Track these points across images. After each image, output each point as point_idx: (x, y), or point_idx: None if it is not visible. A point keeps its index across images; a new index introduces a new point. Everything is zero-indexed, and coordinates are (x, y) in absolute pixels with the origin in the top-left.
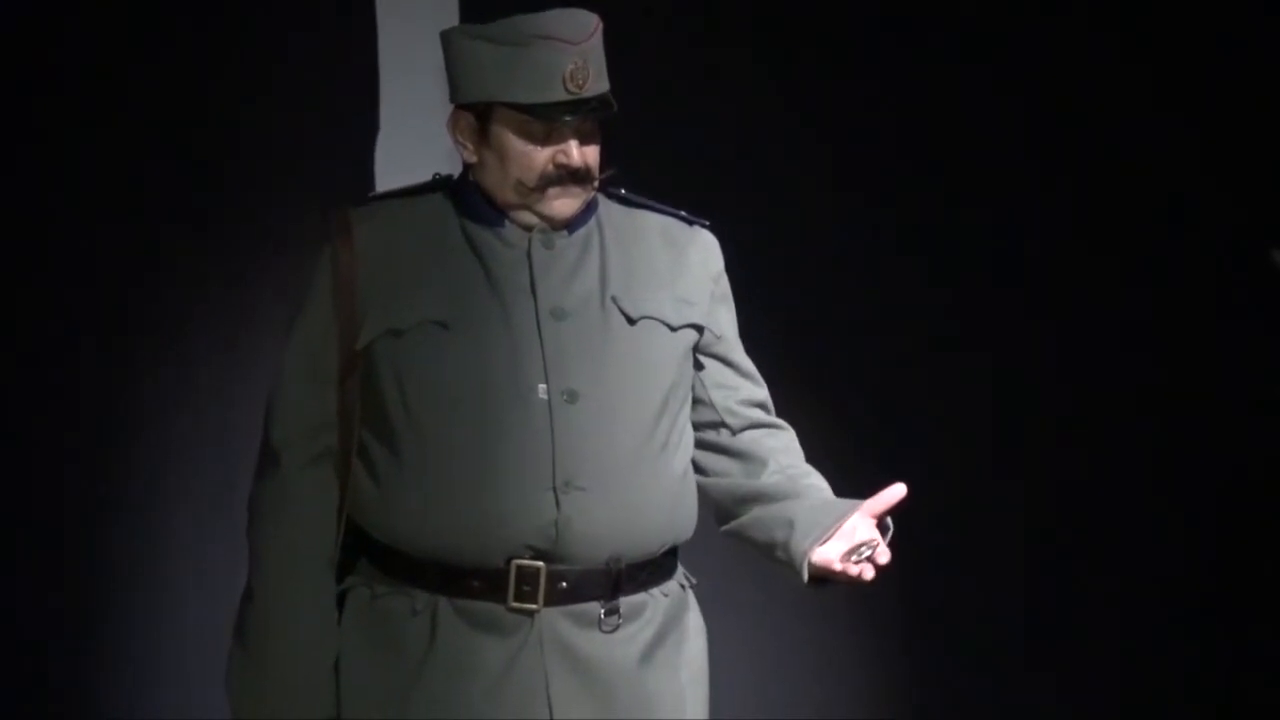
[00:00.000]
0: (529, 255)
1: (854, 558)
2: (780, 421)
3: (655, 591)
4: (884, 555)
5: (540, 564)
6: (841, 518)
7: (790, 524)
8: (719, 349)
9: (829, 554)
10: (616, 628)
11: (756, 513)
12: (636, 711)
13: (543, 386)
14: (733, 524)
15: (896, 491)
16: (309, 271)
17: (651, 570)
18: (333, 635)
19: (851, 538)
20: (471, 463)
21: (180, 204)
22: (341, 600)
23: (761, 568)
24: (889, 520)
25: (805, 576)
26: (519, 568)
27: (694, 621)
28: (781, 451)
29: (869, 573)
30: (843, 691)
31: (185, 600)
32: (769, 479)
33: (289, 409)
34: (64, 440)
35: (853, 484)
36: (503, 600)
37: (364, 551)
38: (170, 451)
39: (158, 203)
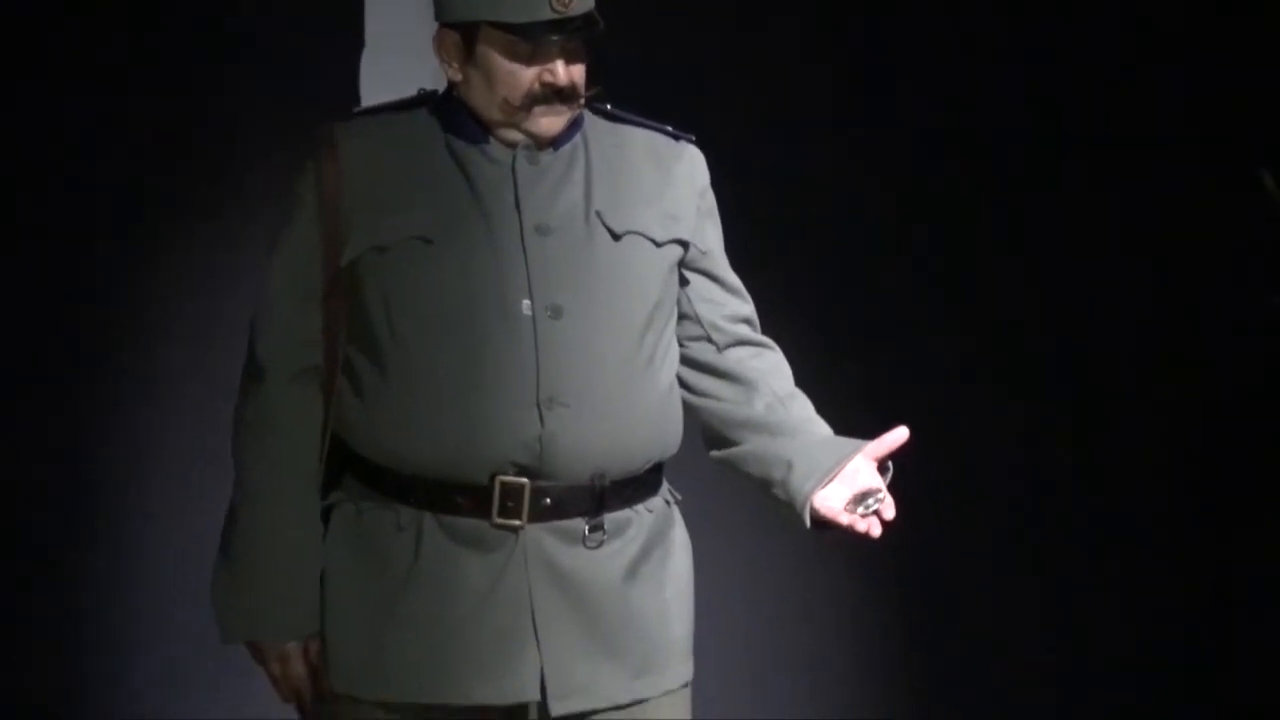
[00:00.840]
0: (514, 171)
1: (860, 510)
2: (766, 340)
3: (640, 508)
4: (889, 509)
5: (524, 480)
6: (843, 460)
7: (788, 464)
8: (704, 264)
9: (831, 499)
10: (601, 544)
11: (749, 446)
12: (620, 625)
13: (526, 302)
14: (724, 453)
15: (898, 435)
16: (294, 187)
17: (636, 486)
18: (317, 550)
19: (854, 482)
20: (455, 379)
21: (163, 123)
22: (326, 516)
23: (749, 484)
24: (889, 463)
25: (808, 522)
26: (503, 484)
27: (679, 538)
28: (770, 374)
29: (876, 529)
30: (831, 608)
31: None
32: (760, 406)
33: (274, 325)
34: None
35: (839, 409)
36: (487, 516)
37: (349, 468)
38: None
39: (138, 124)
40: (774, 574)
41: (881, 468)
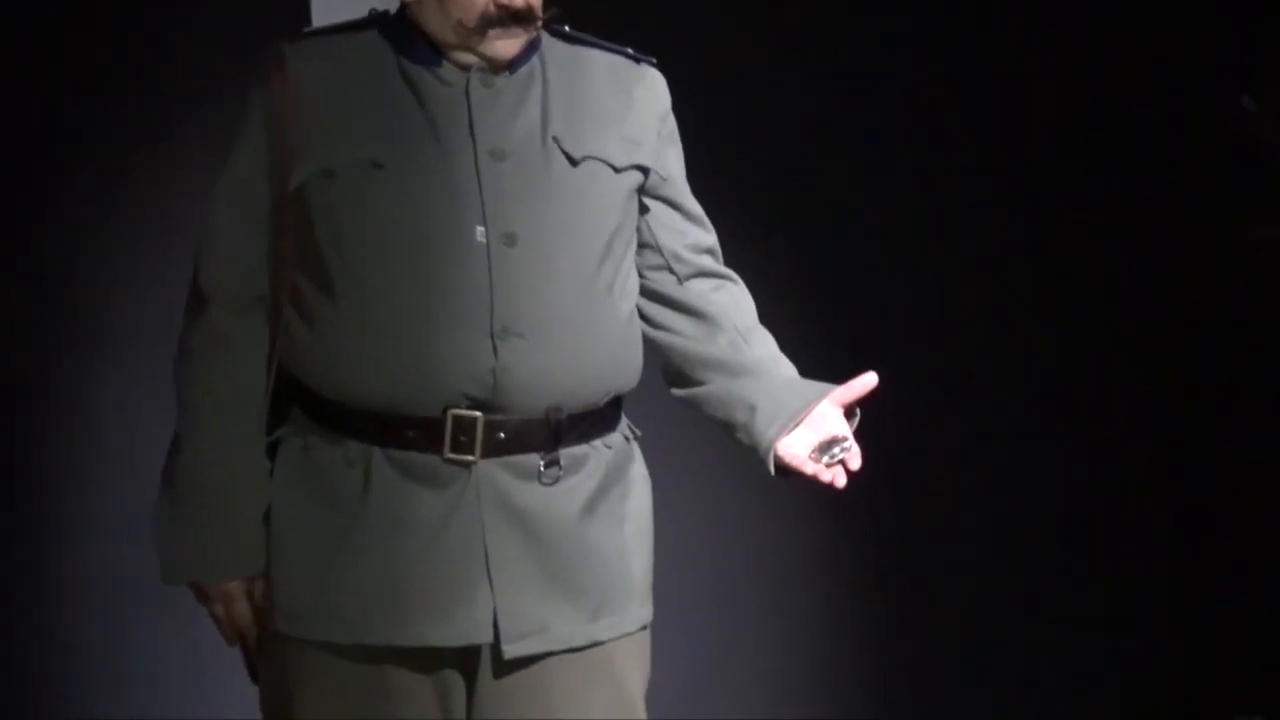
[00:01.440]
0: (467, 95)
1: (825, 458)
2: (729, 272)
3: (598, 443)
4: (855, 459)
5: (477, 414)
6: (808, 404)
7: (751, 407)
8: (665, 191)
9: (796, 446)
10: (557, 480)
11: (712, 387)
12: (578, 565)
13: (480, 229)
14: (685, 392)
15: (867, 381)
16: (242, 109)
17: (593, 421)
18: (263, 485)
19: (820, 428)
20: (406, 308)
21: (110, 48)
22: (273, 451)
23: (712, 424)
24: (856, 409)
25: (771, 468)
26: (455, 417)
27: (638, 474)
28: (732, 309)
29: (841, 479)
30: (798, 549)
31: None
32: (723, 344)
33: (219, 252)
34: None
35: (804, 346)
36: (439, 451)
37: (296, 401)
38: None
39: (85, 50)
40: (738, 514)
41: (849, 413)
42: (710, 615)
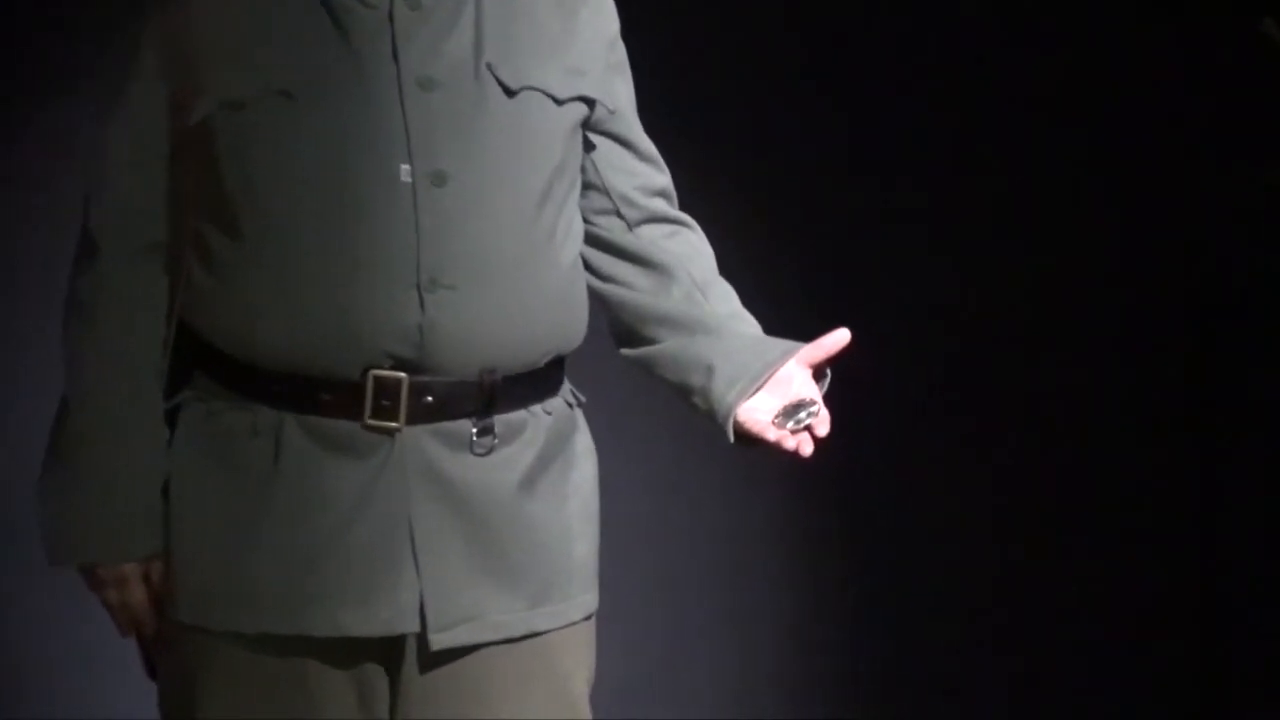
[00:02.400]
0: (391, 18)
1: (790, 424)
2: (685, 217)
3: (537, 409)
4: (824, 425)
5: (402, 375)
6: (772, 365)
7: (709, 368)
8: (613, 126)
9: (759, 411)
10: (491, 450)
11: (665, 345)
12: (514, 545)
13: (406, 168)
14: (635, 351)
15: (838, 338)
16: (135, 38)
17: (532, 384)
18: (161, 455)
19: (786, 390)
20: (322, 257)
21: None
22: (172, 418)
23: (665, 389)
24: (826, 370)
25: (731, 436)
26: (377, 379)
27: (583, 444)
28: (688, 259)
29: (808, 447)
30: (754, 527)
31: None
32: (677, 297)
33: (110, 195)
34: None
35: (764, 295)
36: (358, 417)
37: (198, 361)
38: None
39: None
40: (693, 491)
41: (818, 374)
42: (660, 605)
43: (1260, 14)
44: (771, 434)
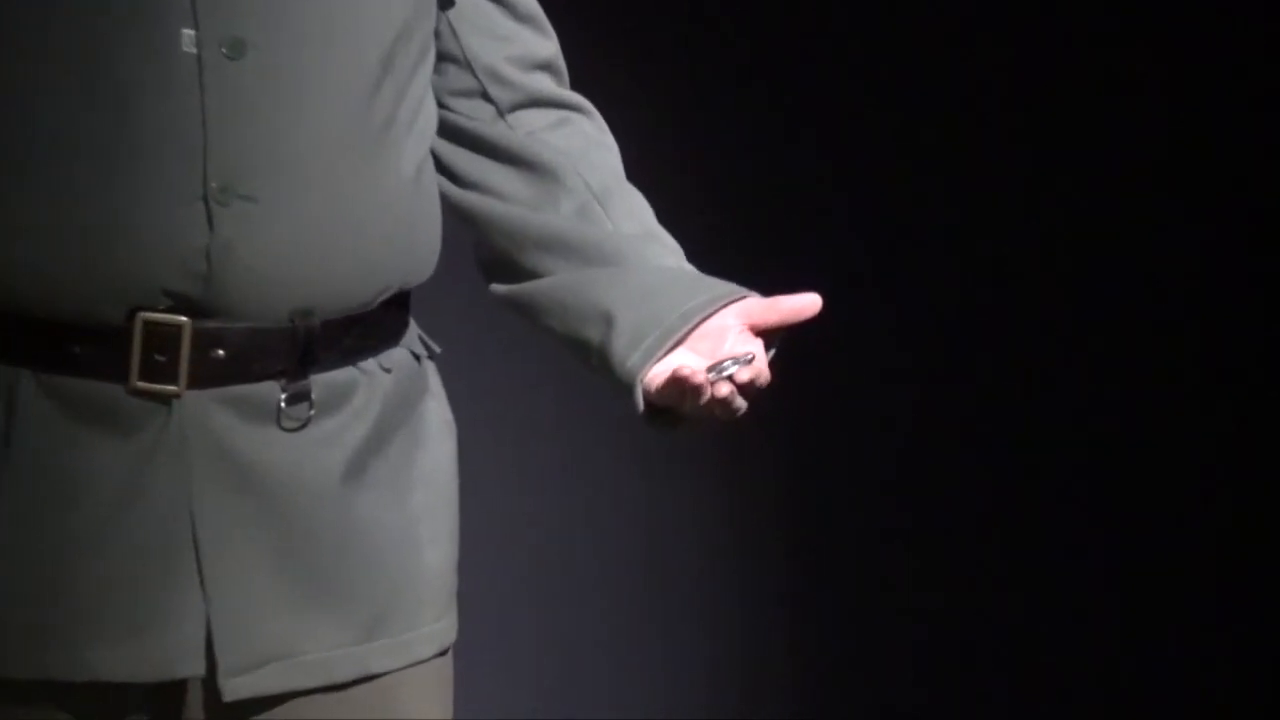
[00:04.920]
0: None
1: (712, 375)
2: (577, 98)
3: (371, 365)
4: (756, 375)
5: (183, 319)
6: (693, 317)
7: (607, 318)
8: None
9: (674, 371)
10: (306, 422)
11: (548, 284)
12: (339, 555)
13: (189, 33)
14: (509, 289)
15: (804, 303)
16: None
17: (364, 330)
18: None
19: (716, 348)
20: (71, 156)
21: None
22: None
23: (551, 342)
24: (776, 339)
25: (639, 405)
26: (148, 325)
27: (436, 413)
28: (583, 158)
29: (738, 402)
30: (664, 519)
31: None
32: (569, 212)
33: None
34: None
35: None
36: (122, 378)
37: None
38: None
39: None
40: (586, 473)
41: (766, 344)
42: (538, 626)
43: None
44: (689, 402)
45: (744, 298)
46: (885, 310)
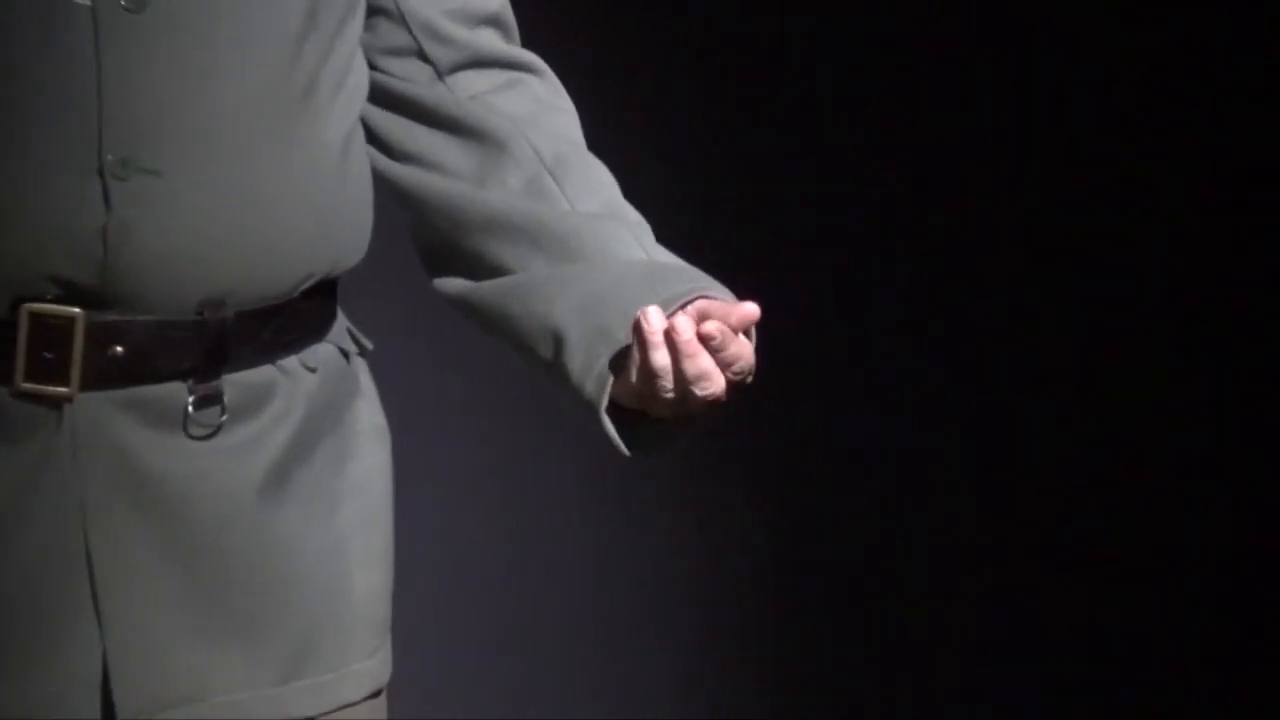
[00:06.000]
0: None
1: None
2: (528, 56)
3: (292, 363)
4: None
5: (75, 311)
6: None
7: (556, 336)
8: None
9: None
10: (217, 429)
11: (496, 288)
12: (256, 580)
13: None
14: (451, 285)
15: (744, 313)
16: None
17: (284, 323)
18: None
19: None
20: None
21: None
22: None
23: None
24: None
25: (614, 439)
26: (35, 317)
27: (366, 417)
28: (533, 124)
29: (717, 386)
30: (594, 518)
31: None
32: (517, 187)
33: None
34: None
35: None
36: (6, 379)
37: None
38: None
39: None
40: (531, 480)
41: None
42: (483, 660)
43: None
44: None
45: (701, 296)
46: (874, 309)
